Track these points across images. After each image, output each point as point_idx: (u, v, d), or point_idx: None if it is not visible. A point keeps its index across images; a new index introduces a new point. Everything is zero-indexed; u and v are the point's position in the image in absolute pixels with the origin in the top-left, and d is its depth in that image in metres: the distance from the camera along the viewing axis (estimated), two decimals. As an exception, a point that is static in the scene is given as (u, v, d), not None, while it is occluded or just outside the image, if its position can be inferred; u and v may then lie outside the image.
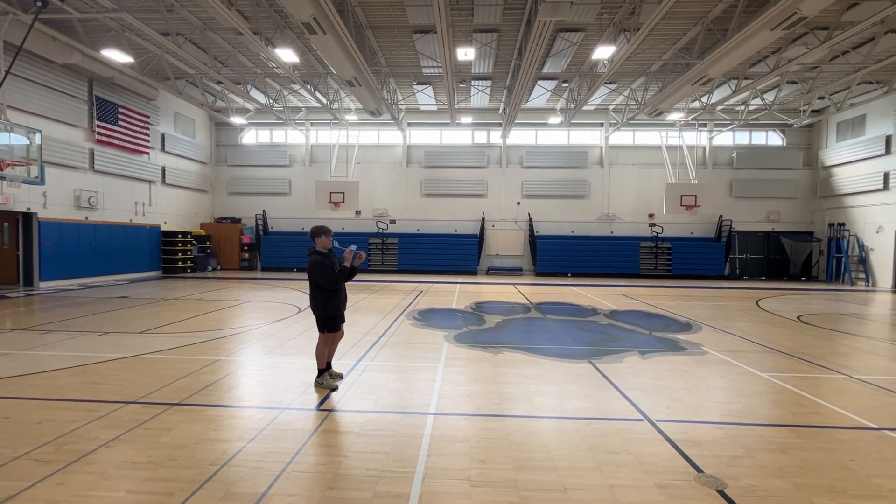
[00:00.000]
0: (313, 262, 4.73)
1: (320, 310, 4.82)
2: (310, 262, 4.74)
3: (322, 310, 4.81)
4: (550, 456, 3.42)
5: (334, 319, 4.88)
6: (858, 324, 9.68)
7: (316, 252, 4.80)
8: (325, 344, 4.91)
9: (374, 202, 22.19)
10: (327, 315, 4.82)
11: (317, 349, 4.92)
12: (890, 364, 6.36)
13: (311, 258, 4.76)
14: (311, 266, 4.72)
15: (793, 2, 9.19)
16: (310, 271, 4.74)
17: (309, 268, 4.74)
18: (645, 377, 5.47)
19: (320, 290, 4.75)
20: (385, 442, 3.58)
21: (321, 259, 4.73)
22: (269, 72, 16.47)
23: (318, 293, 4.77)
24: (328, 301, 4.81)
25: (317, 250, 4.83)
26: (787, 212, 21.25)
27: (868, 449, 3.63)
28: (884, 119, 17.69)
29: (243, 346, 6.86)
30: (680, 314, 10.36)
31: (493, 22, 12.45)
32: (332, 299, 4.82)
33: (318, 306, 4.81)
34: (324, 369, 4.91)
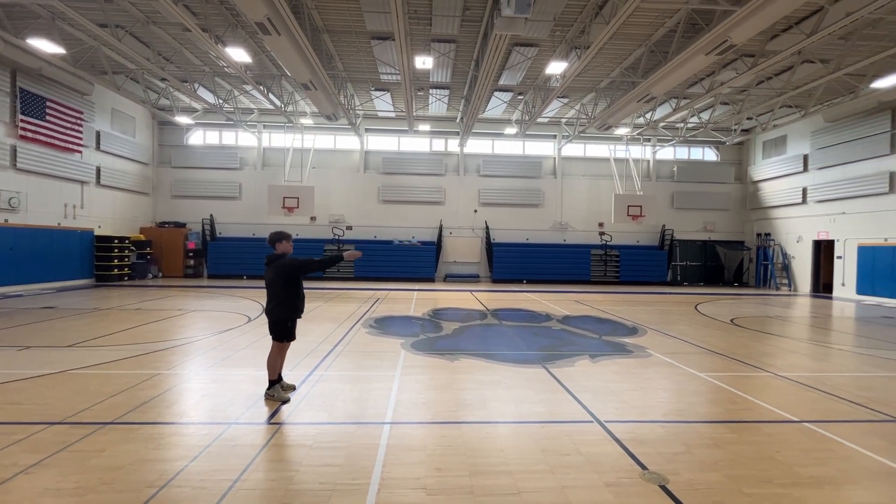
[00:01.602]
0: (291, 260, 4.72)
1: (284, 313, 4.69)
2: (285, 262, 4.69)
3: (289, 311, 4.70)
4: (505, 460, 3.48)
5: (294, 326, 4.78)
6: (782, 325, 10.57)
7: (282, 256, 4.77)
8: (278, 354, 4.75)
9: (329, 208, 21.75)
10: (291, 319, 4.72)
11: (269, 360, 4.75)
12: (809, 362, 6.99)
13: (284, 260, 4.72)
14: (289, 263, 4.68)
15: (724, 30, 10.02)
16: (288, 269, 4.66)
17: (285, 267, 4.66)
18: (595, 380, 5.69)
19: (290, 290, 4.67)
20: (339, 454, 3.49)
21: (293, 259, 4.74)
22: (218, 71, 15.83)
23: (288, 295, 4.67)
24: (294, 304, 4.73)
25: (279, 255, 4.77)
26: (721, 222, 22.91)
27: (791, 441, 3.97)
28: (802, 140, 19.55)
29: (187, 358, 6.48)
30: (627, 319, 10.87)
31: (451, 33, 12.66)
32: (297, 302, 4.75)
33: (283, 309, 4.69)
34: (275, 381, 4.74)
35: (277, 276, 4.67)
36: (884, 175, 16.03)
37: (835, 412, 4.72)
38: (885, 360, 7.10)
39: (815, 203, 18.88)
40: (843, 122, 17.41)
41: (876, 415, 4.66)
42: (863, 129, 16.76)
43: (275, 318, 4.71)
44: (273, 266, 4.70)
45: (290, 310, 4.71)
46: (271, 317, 4.73)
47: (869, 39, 11.94)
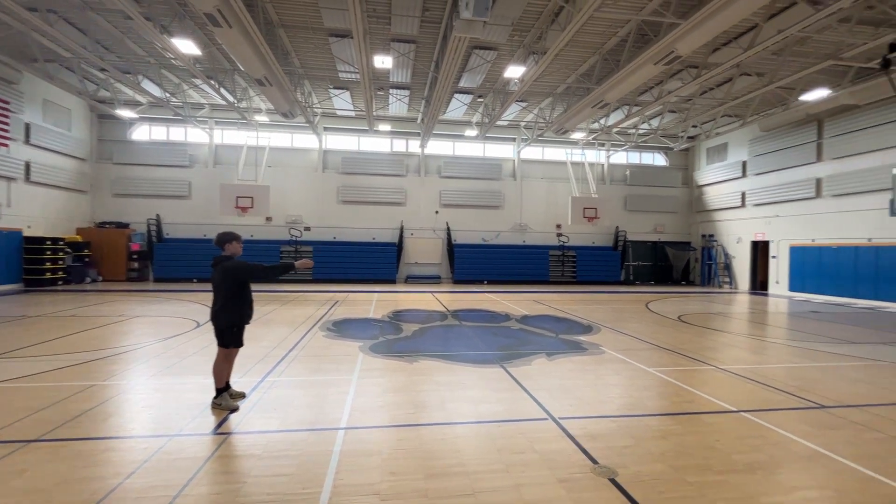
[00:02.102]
0: (237, 263, 4.50)
1: (233, 318, 4.48)
2: (230, 265, 4.47)
3: (235, 317, 4.49)
4: (462, 461, 3.48)
5: (241, 331, 4.59)
6: (724, 322, 11.24)
7: (229, 258, 4.56)
8: (225, 360, 4.53)
9: (286, 208, 21.10)
10: (238, 324, 4.51)
11: (216, 367, 4.53)
12: (747, 355, 7.46)
13: (230, 262, 4.50)
14: (235, 266, 4.46)
15: (670, 42, 10.55)
16: (232, 273, 4.45)
17: (229, 270, 4.45)
18: (551, 378, 5.82)
19: (236, 295, 4.47)
20: (290, 463, 3.37)
21: (241, 261, 4.55)
22: (165, 63, 14.98)
23: (232, 300, 4.46)
24: (244, 307, 4.54)
25: (227, 256, 4.57)
26: (670, 224, 24.12)
27: (729, 429, 4.21)
28: (741, 147, 20.92)
29: (127, 367, 6.06)
30: (583, 317, 11.21)
31: (411, 33, 12.61)
32: (247, 305, 4.57)
33: (231, 314, 4.48)
34: (223, 388, 4.52)
35: (224, 279, 4.45)
36: (811, 181, 17.43)
37: (768, 401, 5.05)
38: (812, 352, 7.70)
39: (753, 206, 20.24)
40: (777, 131, 18.79)
41: (804, 402, 5.03)
42: (793, 138, 18.15)
43: (220, 324, 4.49)
44: (220, 268, 4.49)
45: (236, 316, 4.51)
46: (216, 322, 4.51)
47: (798, 56, 12.94)
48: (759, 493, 3.10)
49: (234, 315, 4.49)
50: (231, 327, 4.49)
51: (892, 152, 14.65)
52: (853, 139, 15.91)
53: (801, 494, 3.10)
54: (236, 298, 4.50)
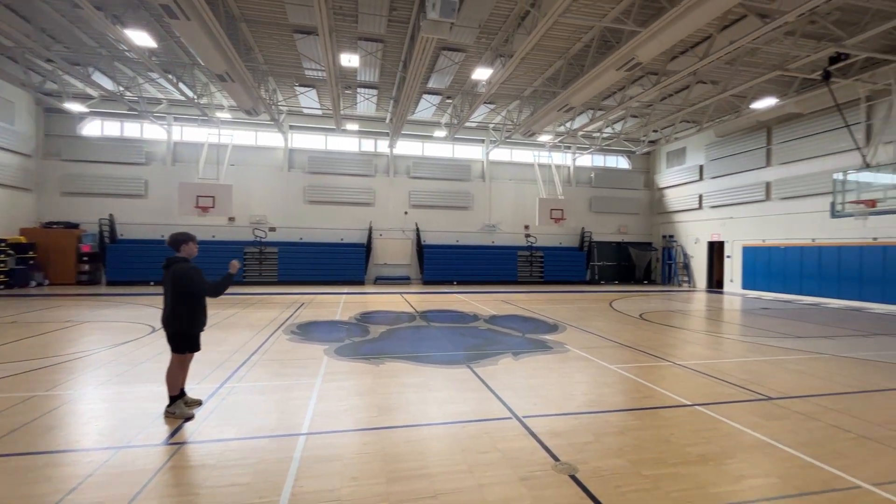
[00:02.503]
0: (187, 270, 4.26)
1: (183, 325, 4.28)
2: (180, 269, 4.25)
3: (185, 325, 4.28)
4: (425, 464, 3.46)
5: (196, 337, 4.41)
6: (682, 319, 11.71)
7: (183, 260, 4.36)
8: (180, 367, 4.35)
9: (251, 208, 20.48)
10: (191, 331, 4.31)
11: (169, 374, 4.33)
12: (703, 350, 7.79)
13: (182, 266, 4.28)
14: (184, 274, 4.24)
15: (631, 49, 10.91)
16: (180, 280, 4.23)
17: (178, 276, 4.23)
18: (516, 377, 5.88)
19: (184, 303, 4.25)
20: (247, 472, 3.26)
21: (194, 266, 4.34)
22: (118, 55, 14.25)
23: (181, 306, 4.25)
24: (194, 314, 4.32)
25: (182, 258, 4.36)
26: (632, 225, 24.94)
27: (683, 423, 4.38)
28: (698, 152, 21.89)
29: (72, 376, 5.71)
30: (549, 317, 11.42)
31: (378, 32, 12.50)
32: (198, 312, 4.35)
33: (181, 321, 4.27)
34: (177, 396, 4.33)
35: (174, 283, 4.25)
36: (761, 185, 18.42)
37: (721, 395, 5.29)
38: (762, 347, 8.12)
39: (710, 208, 21.20)
40: (730, 137, 19.76)
41: (753, 395, 5.30)
42: (745, 143, 19.14)
43: (172, 330, 4.29)
44: (171, 271, 4.28)
45: (188, 324, 4.31)
46: (168, 327, 4.31)
47: (749, 66, 13.65)
48: (710, 484, 3.23)
49: (184, 324, 4.29)
50: (183, 333, 4.30)
51: (833, 158, 15.68)
52: (798, 146, 16.94)
53: (748, 483, 3.26)
54: (188, 305, 4.30)
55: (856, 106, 14.26)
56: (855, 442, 4.00)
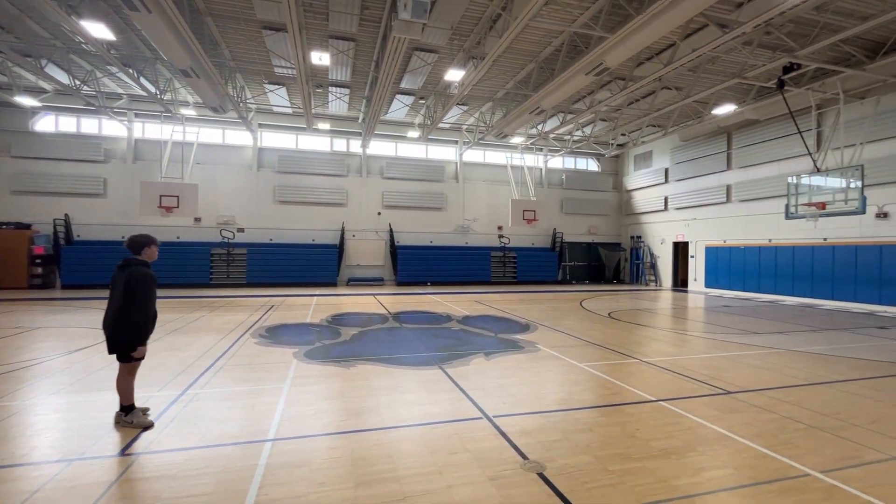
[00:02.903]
0: (143, 276, 4.04)
1: (132, 332, 4.02)
2: (136, 273, 4.02)
3: (134, 332, 4.02)
4: (394, 466, 3.43)
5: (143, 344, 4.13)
6: (649, 317, 12.07)
7: (142, 263, 4.14)
8: (130, 374, 4.14)
9: (218, 208, 19.88)
10: (138, 339, 4.07)
11: (121, 383, 4.12)
12: (668, 348, 8.05)
13: (139, 269, 4.06)
14: (139, 279, 4.01)
15: (599, 54, 11.18)
16: (133, 285, 3.99)
17: (133, 281, 3.99)
18: (487, 377, 5.92)
19: (135, 308, 4.00)
20: (208, 481, 3.15)
21: (153, 275, 4.11)
22: (74, 47, 13.57)
23: (130, 312, 4.00)
24: (145, 321, 4.08)
25: (141, 261, 4.14)
26: (602, 226, 25.56)
27: (648, 418, 4.51)
28: (664, 155, 22.64)
29: (21, 385, 5.38)
30: (521, 317, 11.55)
31: (350, 30, 12.36)
32: (148, 319, 4.13)
33: (130, 329, 4.01)
34: (131, 406, 4.14)
35: (129, 286, 4.01)
36: (722, 187, 19.21)
37: (683, 390, 5.47)
38: (722, 343, 8.46)
39: (675, 210, 21.96)
40: (694, 141, 20.53)
41: (713, 389, 5.51)
42: (708, 148, 19.92)
43: (117, 337, 4.04)
44: (127, 272, 4.05)
45: (138, 331, 4.05)
46: (112, 333, 4.04)
47: (710, 73, 14.23)
48: (672, 477, 3.34)
49: (134, 328, 4.02)
50: (131, 340, 4.04)
51: (788, 163, 16.52)
52: (756, 150, 17.76)
53: (707, 475, 3.38)
54: (137, 311, 4.03)
55: (807, 113, 15.07)
56: (804, 432, 4.21)
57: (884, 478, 3.37)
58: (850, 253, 14.50)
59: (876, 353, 7.77)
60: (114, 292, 4.09)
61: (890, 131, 13.59)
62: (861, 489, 3.18)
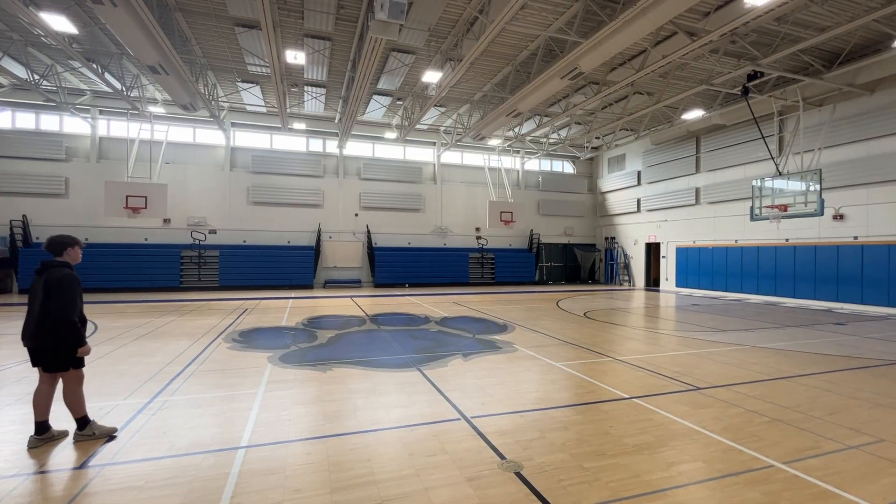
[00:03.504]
0: (65, 276, 3.74)
1: (67, 334, 3.71)
2: (57, 274, 3.73)
3: (69, 334, 3.72)
4: (371, 470, 3.40)
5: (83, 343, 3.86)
6: (622, 316, 12.35)
7: (63, 265, 3.86)
8: (80, 383, 3.89)
9: (188, 209, 19.30)
10: (80, 340, 3.79)
11: (71, 394, 3.84)
12: (640, 346, 8.25)
13: (60, 270, 3.77)
14: (60, 279, 3.71)
15: (574, 58, 11.39)
16: (55, 285, 3.69)
17: (54, 281, 3.70)
18: (465, 378, 5.94)
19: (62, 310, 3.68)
20: (178, 492, 3.05)
21: (77, 277, 3.83)
22: (33, 40, 12.96)
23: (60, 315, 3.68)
24: (80, 320, 3.80)
25: (61, 263, 3.86)
26: (578, 227, 26.02)
27: (622, 415, 4.61)
28: (636, 158, 23.23)
29: (-27, 397, 5.09)
30: (499, 317, 11.64)
31: (326, 30, 12.21)
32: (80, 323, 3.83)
33: (66, 333, 3.71)
34: (85, 416, 3.91)
35: (51, 287, 3.70)
36: (692, 190, 19.85)
37: (655, 387, 5.62)
38: (692, 340, 8.73)
39: (647, 212, 22.55)
40: (665, 145, 21.14)
41: (683, 386, 5.68)
42: (678, 151, 20.55)
43: (50, 345, 3.72)
44: (46, 275, 3.75)
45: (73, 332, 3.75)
46: (43, 342, 3.71)
47: (679, 79, 14.69)
48: (645, 472, 3.42)
49: (70, 332, 3.74)
50: (70, 347, 3.77)
51: (752, 166, 17.21)
52: (723, 154, 18.43)
53: (678, 469, 3.48)
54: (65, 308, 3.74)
55: (770, 119, 15.74)
56: (768, 425, 4.39)
57: (841, 466, 3.54)
58: (809, 253, 15.20)
59: (834, 347, 8.16)
60: (34, 299, 3.77)
61: (845, 137, 14.33)
62: (820, 478, 3.33)
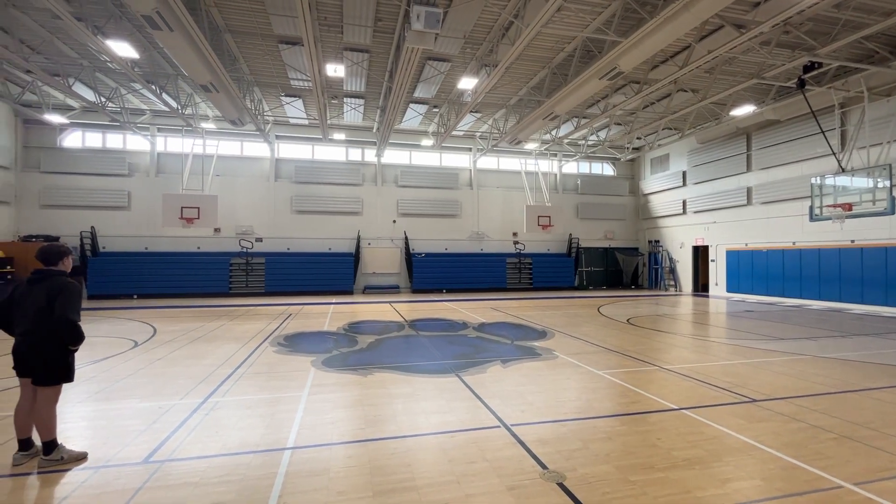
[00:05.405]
0: (72, 285, 3.64)
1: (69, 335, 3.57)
2: (66, 282, 3.64)
3: (71, 335, 3.57)
4: (412, 475, 3.43)
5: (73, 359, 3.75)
6: (669, 323, 11.83)
7: (61, 274, 3.77)
8: (55, 401, 3.68)
9: (236, 218, 20.28)
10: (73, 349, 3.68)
11: (45, 412, 3.58)
12: (689, 354, 7.88)
13: (66, 279, 3.69)
14: (69, 287, 3.62)
15: (613, 58, 11.12)
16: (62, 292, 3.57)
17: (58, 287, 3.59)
18: (505, 385, 5.88)
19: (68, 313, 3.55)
20: (230, 489, 3.19)
21: (77, 284, 3.74)
22: (100, 66, 14.11)
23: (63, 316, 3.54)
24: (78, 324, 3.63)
25: (59, 272, 3.77)
26: (619, 231, 25.23)
27: (670, 427, 4.40)
28: (681, 158, 22.29)
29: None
30: (538, 323, 11.45)
31: (364, 42, 12.56)
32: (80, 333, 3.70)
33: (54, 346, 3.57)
34: (54, 440, 3.64)
35: (57, 292, 3.57)
36: (742, 190, 18.81)
37: (706, 398, 5.34)
38: (746, 349, 8.24)
39: (693, 213, 21.56)
40: (712, 143, 20.18)
41: (738, 397, 5.36)
42: (726, 150, 19.55)
43: (47, 355, 3.57)
44: (48, 284, 3.61)
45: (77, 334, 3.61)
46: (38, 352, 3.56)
47: (727, 74, 14.00)
48: (696, 488, 3.25)
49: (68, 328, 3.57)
50: (66, 355, 3.66)
51: (810, 163, 16.10)
52: (777, 151, 17.35)
53: (733, 486, 3.29)
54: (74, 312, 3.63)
55: (830, 112, 14.69)
56: (836, 442, 4.06)
57: (922, 490, 3.22)
58: (879, 255, 14.00)
59: (910, 359, 7.47)
60: (28, 309, 3.60)
61: (918, 129, 13.14)
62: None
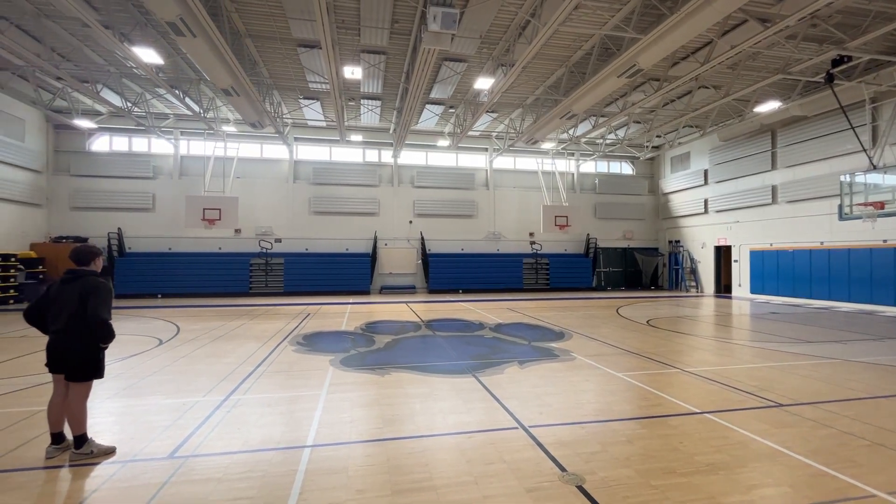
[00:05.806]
0: (105, 285, 3.77)
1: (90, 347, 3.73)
2: (99, 283, 3.75)
3: (103, 333, 3.71)
4: (430, 475, 3.43)
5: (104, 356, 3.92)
6: (691, 325, 11.59)
7: (93, 273, 3.89)
8: (87, 397, 3.81)
9: (256, 220, 20.65)
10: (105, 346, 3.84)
11: (76, 406, 3.71)
12: (711, 357, 7.70)
13: (100, 280, 3.79)
14: (102, 287, 3.74)
15: (632, 55, 10.95)
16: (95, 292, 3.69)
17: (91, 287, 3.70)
18: (522, 386, 5.84)
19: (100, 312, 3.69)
20: (252, 485, 3.25)
21: (109, 285, 3.87)
22: (126, 72, 14.54)
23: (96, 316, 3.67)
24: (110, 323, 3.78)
25: (91, 272, 3.89)
26: (638, 231, 24.82)
27: (692, 431, 4.31)
28: (702, 156, 21.81)
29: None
30: (555, 324, 11.35)
31: (381, 44, 12.66)
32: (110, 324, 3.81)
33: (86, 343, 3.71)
34: (85, 434, 3.76)
35: (90, 290, 3.70)
36: (767, 188, 18.29)
37: (730, 402, 5.21)
38: (771, 352, 8.01)
39: (715, 213, 21.07)
40: (734, 141, 19.68)
41: (763, 402, 5.22)
42: (750, 147, 19.05)
43: (80, 351, 3.72)
44: (82, 282, 3.74)
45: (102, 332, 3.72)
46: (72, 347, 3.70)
47: (751, 70, 13.65)
48: (720, 494, 3.18)
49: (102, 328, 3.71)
50: (98, 352, 3.82)
51: (839, 161, 15.56)
52: (804, 148, 16.82)
53: (759, 492, 3.20)
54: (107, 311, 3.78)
55: (861, 107, 14.18)
56: (868, 449, 3.92)
57: (962, 501, 3.08)
58: (913, 255, 13.45)
59: (948, 363, 7.15)
60: (62, 308, 3.74)
61: (956, 123, 12.59)
62: (936, 513, 2.92)
